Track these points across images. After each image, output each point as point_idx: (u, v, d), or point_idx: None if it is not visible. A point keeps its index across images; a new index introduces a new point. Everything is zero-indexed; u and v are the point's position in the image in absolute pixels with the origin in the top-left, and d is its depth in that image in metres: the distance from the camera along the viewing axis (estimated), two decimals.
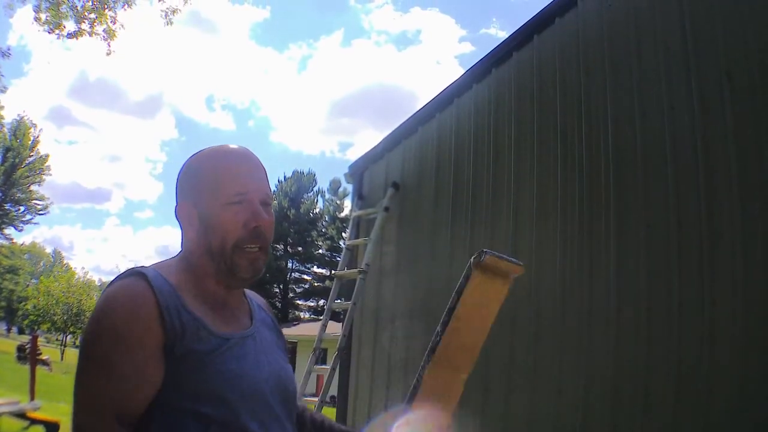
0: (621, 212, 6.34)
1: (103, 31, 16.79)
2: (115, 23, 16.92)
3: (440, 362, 2.27)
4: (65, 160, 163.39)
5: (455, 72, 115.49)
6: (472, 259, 2.19)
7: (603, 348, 6.23)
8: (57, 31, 16.81)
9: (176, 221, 2.47)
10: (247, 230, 2.34)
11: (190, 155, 2.51)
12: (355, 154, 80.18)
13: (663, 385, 5.58)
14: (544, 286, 6.97)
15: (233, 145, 2.48)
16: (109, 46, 17.02)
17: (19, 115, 77.16)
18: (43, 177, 75.61)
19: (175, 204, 2.46)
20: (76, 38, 16.81)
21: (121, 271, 2.33)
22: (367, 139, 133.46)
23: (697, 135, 5.71)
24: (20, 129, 72.04)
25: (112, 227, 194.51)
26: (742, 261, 5.21)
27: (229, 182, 2.35)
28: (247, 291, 2.64)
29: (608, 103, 6.63)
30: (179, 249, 2.49)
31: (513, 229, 7.52)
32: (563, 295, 6.78)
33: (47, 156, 75.83)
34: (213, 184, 2.36)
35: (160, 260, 2.47)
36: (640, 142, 6.25)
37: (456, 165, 8.65)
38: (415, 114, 9.54)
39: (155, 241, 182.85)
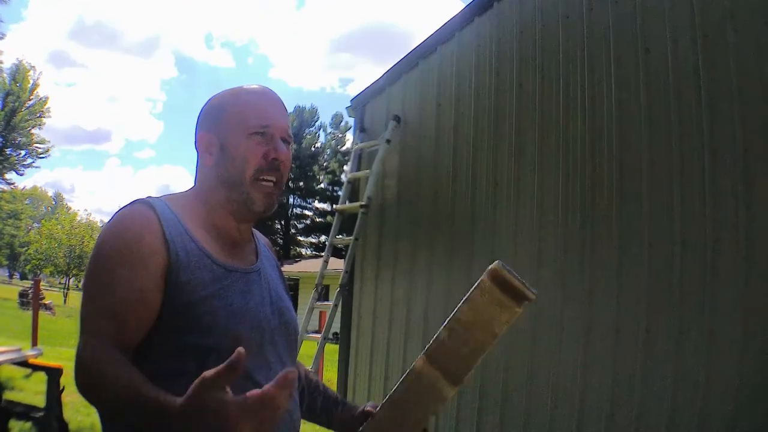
0: (623, 148, 6.33)
1: None
2: None
3: (432, 364, 2.16)
4: (65, 103, 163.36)
5: (455, 7, 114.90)
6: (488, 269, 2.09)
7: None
8: None
9: (188, 156, 2.51)
10: (266, 161, 2.36)
11: (214, 94, 2.53)
12: (355, 89, 80.00)
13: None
14: (546, 230, 6.99)
15: (256, 85, 2.50)
16: None
17: (17, 59, 76.48)
18: (43, 120, 75.29)
19: (194, 136, 2.48)
20: None
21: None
22: (368, 74, 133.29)
23: (700, 72, 5.67)
24: (19, 73, 71.58)
25: (113, 168, 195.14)
26: (744, 191, 5.23)
27: (253, 114, 2.38)
28: (253, 229, 2.64)
29: (611, 39, 6.55)
30: (181, 187, 2.49)
31: (516, 162, 7.47)
32: (565, 250, 6.79)
33: (47, 98, 75.39)
34: (237, 115, 2.38)
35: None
36: (643, 78, 6.20)
37: (457, 98, 8.58)
38: (416, 48, 9.44)
39: (156, 181, 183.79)
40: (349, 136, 67.65)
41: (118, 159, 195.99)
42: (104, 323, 2.07)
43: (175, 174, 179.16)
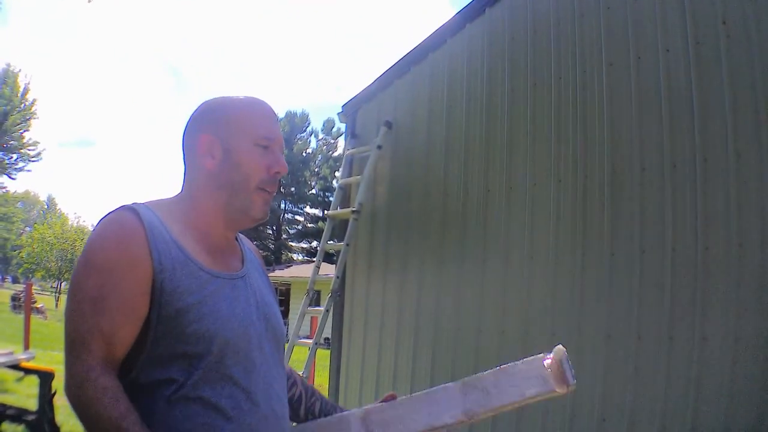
0: (615, 155, 6.35)
1: None
2: None
3: (465, 388, 2.38)
4: (54, 104, 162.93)
5: (447, 14, 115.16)
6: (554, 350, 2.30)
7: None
8: None
9: (184, 154, 2.50)
10: (269, 174, 2.41)
11: (208, 99, 2.55)
12: (346, 96, 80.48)
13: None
14: (539, 236, 6.99)
15: (251, 96, 2.53)
16: None
17: (6, 63, 76.41)
18: (32, 122, 75.07)
19: (184, 138, 2.50)
20: None
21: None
22: (359, 80, 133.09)
23: (692, 78, 5.70)
24: (9, 77, 71.31)
25: (103, 170, 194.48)
26: (736, 197, 5.26)
27: (260, 125, 2.43)
28: (239, 234, 2.64)
29: (603, 46, 6.57)
30: (167, 192, 2.53)
31: (507, 166, 7.46)
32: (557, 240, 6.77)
33: (34, 101, 75.16)
34: (244, 122, 2.42)
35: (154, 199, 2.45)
36: (635, 86, 6.22)
37: (449, 104, 8.57)
38: (407, 54, 9.41)
39: (146, 184, 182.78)
40: (341, 142, 67.75)
41: (109, 162, 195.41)
42: (96, 341, 2.08)
43: (164, 178, 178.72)
